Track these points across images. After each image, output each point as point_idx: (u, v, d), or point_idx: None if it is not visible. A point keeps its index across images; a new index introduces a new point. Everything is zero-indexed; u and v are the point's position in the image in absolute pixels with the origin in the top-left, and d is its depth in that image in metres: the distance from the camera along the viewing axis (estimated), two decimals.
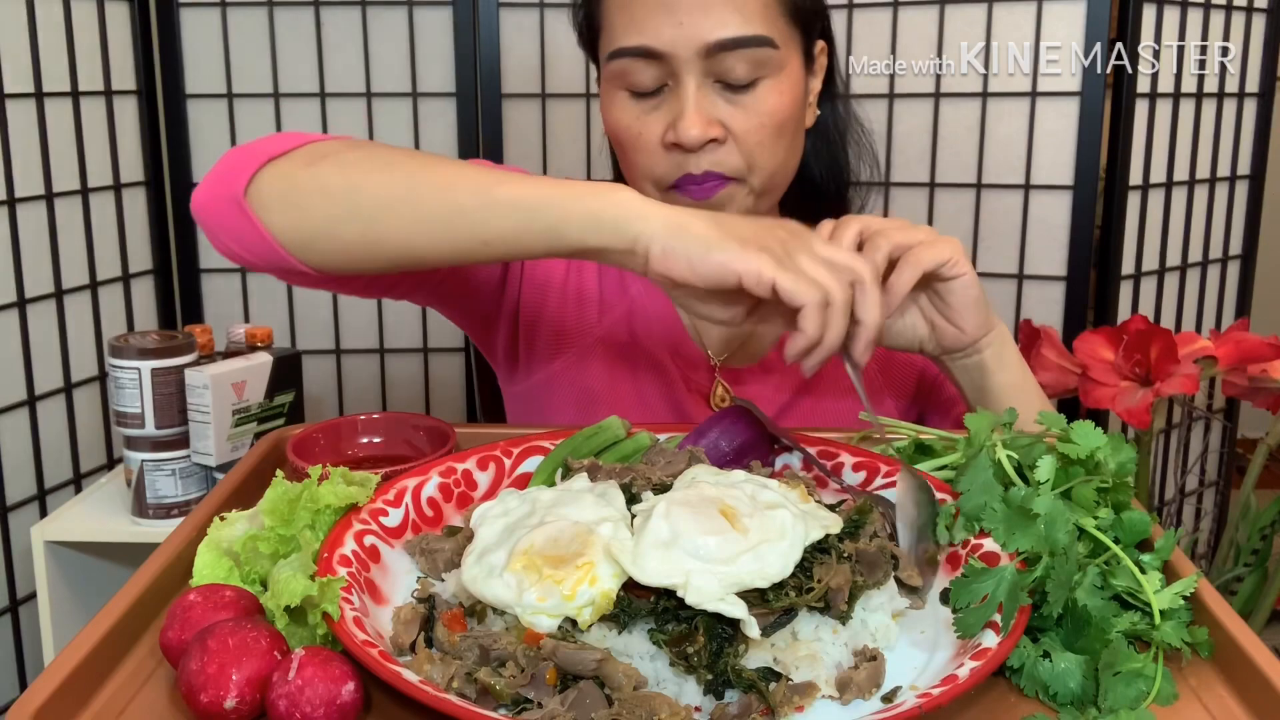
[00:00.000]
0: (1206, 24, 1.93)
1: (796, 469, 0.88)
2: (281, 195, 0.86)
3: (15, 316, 1.67)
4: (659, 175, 1.04)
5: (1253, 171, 2.10)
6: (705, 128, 1.00)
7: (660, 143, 1.02)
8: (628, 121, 1.04)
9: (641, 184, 1.06)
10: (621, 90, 1.04)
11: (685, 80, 1.00)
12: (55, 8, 1.70)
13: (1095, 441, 0.72)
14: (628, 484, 0.76)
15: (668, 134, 1.01)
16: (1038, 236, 1.89)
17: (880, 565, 0.68)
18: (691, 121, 0.99)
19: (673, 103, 1.02)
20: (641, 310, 1.19)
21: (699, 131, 0.99)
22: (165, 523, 1.53)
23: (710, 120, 1.00)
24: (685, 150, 1.01)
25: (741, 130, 1.01)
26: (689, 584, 0.62)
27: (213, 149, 1.96)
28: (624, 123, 1.04)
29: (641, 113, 1.03)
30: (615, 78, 1.04)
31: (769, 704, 0.59)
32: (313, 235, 0.85)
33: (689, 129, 0.99)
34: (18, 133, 1.65)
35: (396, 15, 1.94)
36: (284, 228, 0.86)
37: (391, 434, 0.96)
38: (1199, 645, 0.65)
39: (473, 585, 0.65)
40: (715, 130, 1.00)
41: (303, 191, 0.85)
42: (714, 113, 1.01)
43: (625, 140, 1.05)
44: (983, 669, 0.60)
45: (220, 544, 0.73)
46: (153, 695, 0.62)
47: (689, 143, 1.00)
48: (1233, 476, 2.25)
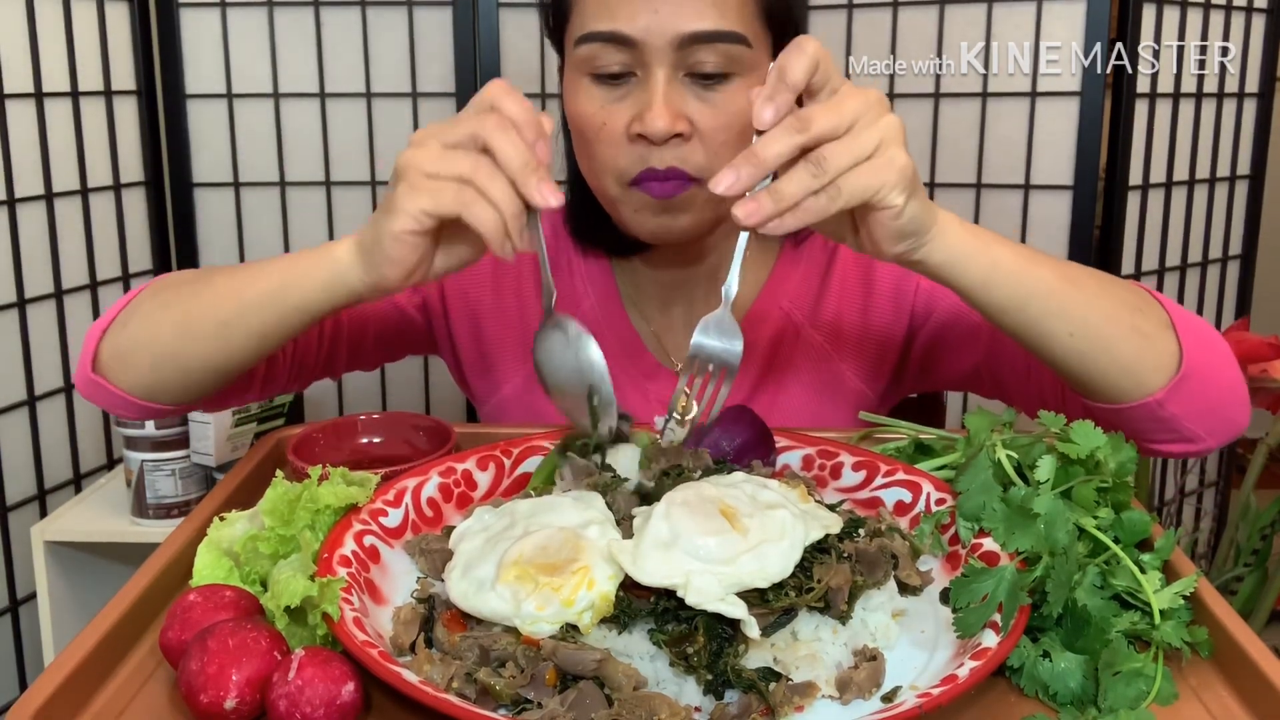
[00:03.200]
0: (1206, 24, 1.93)
1: (796, 469, 0.88)
2: (114, 360, 0.95)
3: (15, 316, 1.67)
4: (621, 168, 1.01)
5: (1253, 171, 2.10)
6: (672, 121, 0.97)
7: (625, 133, 0.99)
8: (592, 110, 1.01)
9: (602, 178, 1.03)
10: (586, 77, 1.01)
11: (655, 71, 0.97)
12: (55, 8, 1.70)
13: (1095, 441, 0.72)
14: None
15: (633, 125, 0.98)
16: (1038, 237, 1.89)
17: (880, 565, 0.68)
18: (659, 113, 0.96)
19: (640, 94, 0.99)
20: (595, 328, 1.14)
21: (665, 124, 0.96)
22: (165, 523, 1.53)
23: (678, 114, 0.97)
24: (650, 143, 0.98)
25: (709, 128, 0.98)
26: (689, 584, 0.62)
27: (213, 149, 1.96)
28: (588, 111, 1.01)
29: (606, 102, 1.00)
30: (582, 63, 1.01)
31: (769, 704, 0.59)
32: (152, 382, 0.95)
33: (656, 120, 0.96)
34: (18, 133, 1.65)
35: (396, 15, 1.94)
36: (131, 384, 0.95)
37: (391, 434, 0.96)
38: (1199, 645, 0.65)
39: (464, 601, 0.65)
40: (682, 125, 0.98)
41: (125, 352, 0.95)
42: (682, 108, 0.98)
43: (588, 130, 1.02)
44: (983, 669, 0.60)
45: (220, 544, 0.73)
46: (153, 695, 0.63)
47: (655, 134, 0.97)
48: (1233, 476, 2.25)
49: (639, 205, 1.02)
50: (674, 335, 1.17)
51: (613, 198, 1.04)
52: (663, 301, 1.18)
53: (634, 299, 1.19)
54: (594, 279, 1.19)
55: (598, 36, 0.98)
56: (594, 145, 1.02)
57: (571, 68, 1.03)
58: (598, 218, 1.12)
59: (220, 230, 2.00)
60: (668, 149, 0.98)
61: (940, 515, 0.76)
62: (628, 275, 1.19)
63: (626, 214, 1.04)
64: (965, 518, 0.73)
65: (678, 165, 0.98)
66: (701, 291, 1.17)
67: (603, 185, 1.04)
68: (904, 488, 0.82)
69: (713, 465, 0.82)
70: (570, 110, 1.04)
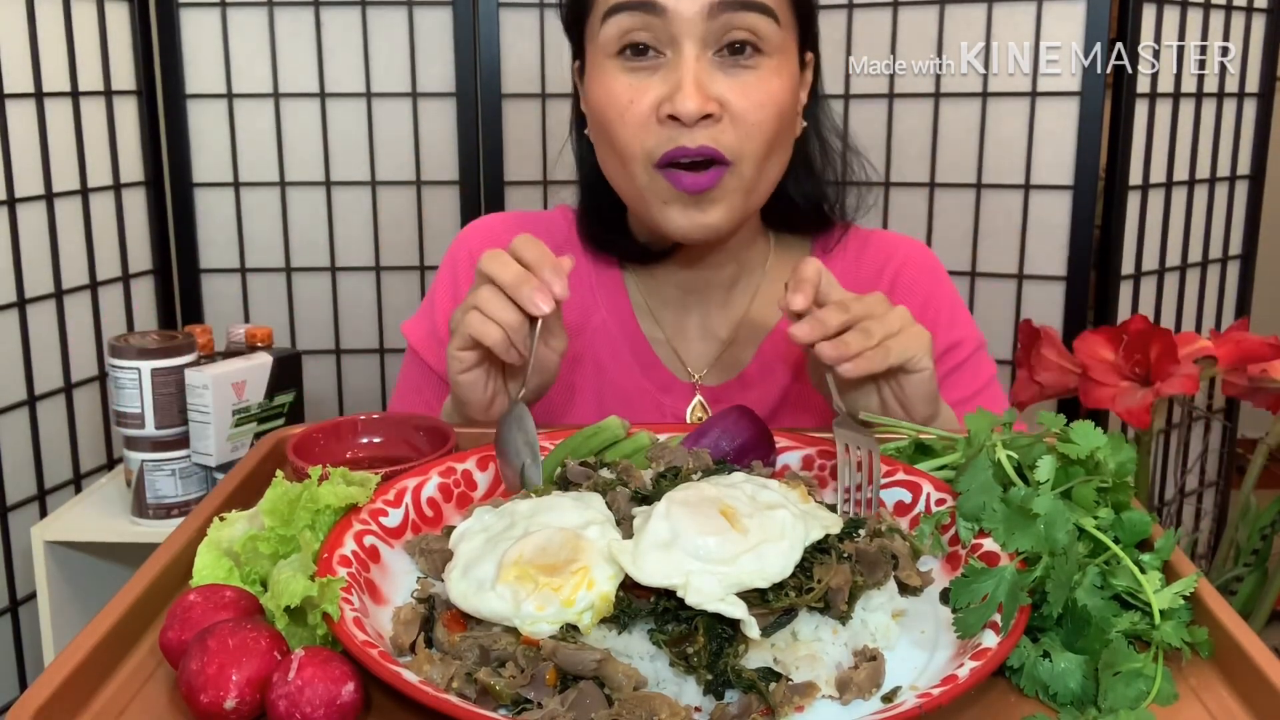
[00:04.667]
0: (1206, 24, 1.93)
1: (796, 469, 0.88)
2: None
3: (15, 316, 1.67)
4: (649, 147, 0.98)
5: (1253, 171, 2.10)
6: (703, 102, 0.95)
7: (653, 113, 0.98)
8: (619, 90, 0.99)
9: (629, 163, 1.01)
10: (612, 59, 0.99)
11: (684, 47, 0.96)
12: (55, 8, 1.70)
13: (1095, 441, 0.72)
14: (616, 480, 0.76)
15: (663, 106, 0.97)
16: (1037, 236, 1.90)
17: (880, 565, 0.68)
18: (689, 93, 0.95)
19: (669, 74, 0.97)
20: (608, 339, 1.16)
21: (697, 104, 0.95)
22: (165, 523, 1.53)
23: (708, 95, 0.96)
24: (680, 124, 0.96)
25: (740, 109, 0.97)
26: (689, 584, 0.62)
27: (213, 149, 1.97)
28: (615, 91, 0.99)
29: (634, 82, 0.98)
30: (608, 42, 0.99)
31: (769, 704, 0.59)
32: None
33: (687, 100, 0.95)
34: (18, 133, 1.65)
35: (396, 15, 1.94)
36: None
37: (391, 434, 0.96)
38: (1199, 645, 0.65)
39: (463, 602, 0.65)
40: (713, 106, 0.96)
41: None
42: (712, 88, 0.97)
43: (613, 112, 0.99)
44: (983, 669, 0.60)
45: (220, 544, 0.73)
46: (153, 695, 0.62)
47: (686, 115, 0.95)
48: (1233, 476, 2.25)
49: (668, 196, 1.00)
50: (688, 344, 1.16)
51: (640, 187, 1.01)
52: (679, 309, 1.17)
53: (647, 307, 1.17)
54: (605, 288, 1.17)
55: (626, 6, 0.97)
56: (618, 127, 1.00)
57: (596, 53, 1.01)
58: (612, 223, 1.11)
59: (220, 230, 2.00)
60: (699, 129, 0.97)
61: (940, 515, 0.76)
62: (641, 283, 1.18)
63: (655, 208, 1.02)
64: (965, 518, 0.73)
65: (709, 144, 0.97)
66: (719, 299, 1.16)
67: (630, 172, 1.01)
68: (904, 488, 0.82)
69: (713, 466, 0.82)
70: (594, 97, 1.02)
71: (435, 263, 2.02)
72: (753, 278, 1.17)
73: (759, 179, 1.02)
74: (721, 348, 1.16)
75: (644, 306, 1.18)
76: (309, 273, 2.03)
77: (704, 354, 1.16)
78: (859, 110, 1.95)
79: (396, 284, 2.05)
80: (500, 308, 0.90)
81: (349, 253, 2.03)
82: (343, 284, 2.04)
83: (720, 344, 1.16)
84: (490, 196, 1.99)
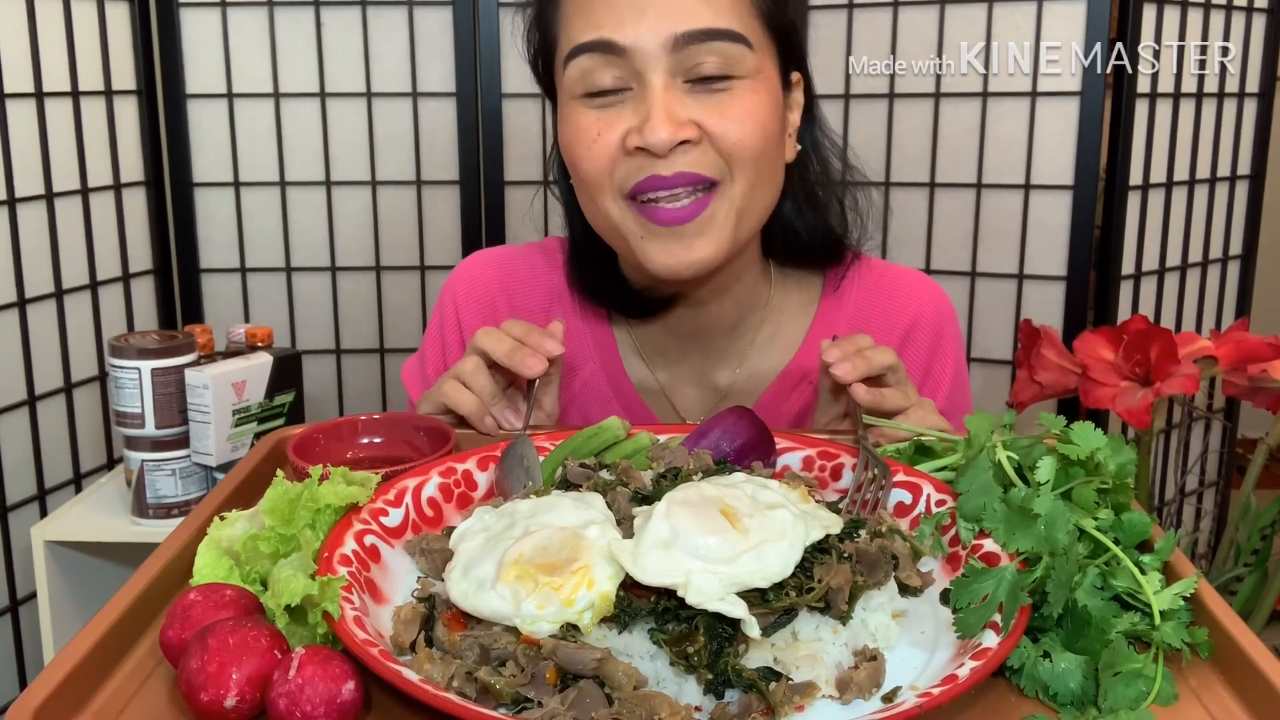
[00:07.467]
0: (1206, 24, 1.93)
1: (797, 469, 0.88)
2: None
3: (15, 316, 1.67)
4: (619, 179, 0.93)
5: (1253, 171, 2.10)
6: (675, 129, 0.89)
7: (620, 146, 0.92)
8: (586, 124, 0.93)
9: (598, 198, 0.95)
10: (577, 99, 0.94)
11: (650, 79, 0.90)
12: (55, 8, 1.70)
13: (1095, 442, 0.72)
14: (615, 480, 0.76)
15: (630, 138, 0.91)
16: (1038, 236, 1.89)
17: (880, 565, 0.68)
18: (658, 123, 0.89)
19: (639, 105, 0.91)
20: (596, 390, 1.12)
21: (668, 133, 0.89)
22: (165, 523, 1.53)
23: (681, 122, 0.90)
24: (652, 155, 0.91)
25: (718, 128, 0.91)
26: (689, 584, 0.62)
27: (213, 149, 1.96)
28: (582, 126, 0.93)
29: (602, 115, 0.93)
30: (573, 85, 0.94)
31: (769, 704, 0.59)
32: None
33: (657, 130, 0.89)
34: (18, 133, 1.65)
35: (396, 15, 1.94)
36: None
37: (391, 434, 0.96)
38: (1199, 646, 0.65)
39: (464, 601, 0.65)
40: (688, 131, 0.90)
41: None
42: (685, 113, 0.91)
43: (581, 147, 0.94)
44: (983, 669, 0.60)
45: (220, 544, 0.73)
46: (153, 694, 0.62)
47: (657, 146, 0.89)
48: (1233, 476, 2.25)
49: (644, 231, 0.94)
50: (683, 392, 1.12)
51: (614, 222, 0.96)
52: (674, 355, 1.11)
53: (639, 353, 1.12)
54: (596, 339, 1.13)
55: (585, 48, 0.92)
56: (585, 162, 0.94)
57: (563, 94, 0.96)
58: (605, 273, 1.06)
59: (220, 230, 2.00)
60: (675, 156, 0.91)
61: (940, 516, 0.76)
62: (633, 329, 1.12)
63: (633, 243, 0.96)
64: (965, 519, 0.73)
65: (689, 170, 0.91)
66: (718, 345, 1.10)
67: (601, 207, 0.96)
68: (904, 489, 0.82)
69: (713, 466, 0.82)
70: (563, 136, 0.97)
71: (435, 263, 2.03)
72: (754, 318, 1.12)
73: (748, 204, 0.96)
74: (719, 397, 1.11)
75: (635, 352, 1.13)
76: (309, 272, 2.03)
77: (701, 401, 1.11)
78: (859, 110, 1.95)
79: (396, 284, 2.05)
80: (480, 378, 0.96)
81: (349, 253, 2.03)
82: (343, 284, 2.04)
83: (718, 394, 1.11)
84: (490, 196, 1.99)
